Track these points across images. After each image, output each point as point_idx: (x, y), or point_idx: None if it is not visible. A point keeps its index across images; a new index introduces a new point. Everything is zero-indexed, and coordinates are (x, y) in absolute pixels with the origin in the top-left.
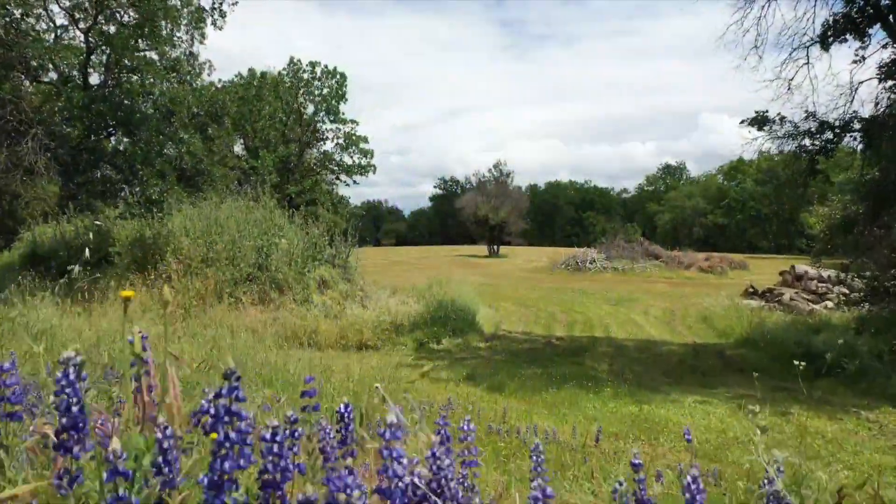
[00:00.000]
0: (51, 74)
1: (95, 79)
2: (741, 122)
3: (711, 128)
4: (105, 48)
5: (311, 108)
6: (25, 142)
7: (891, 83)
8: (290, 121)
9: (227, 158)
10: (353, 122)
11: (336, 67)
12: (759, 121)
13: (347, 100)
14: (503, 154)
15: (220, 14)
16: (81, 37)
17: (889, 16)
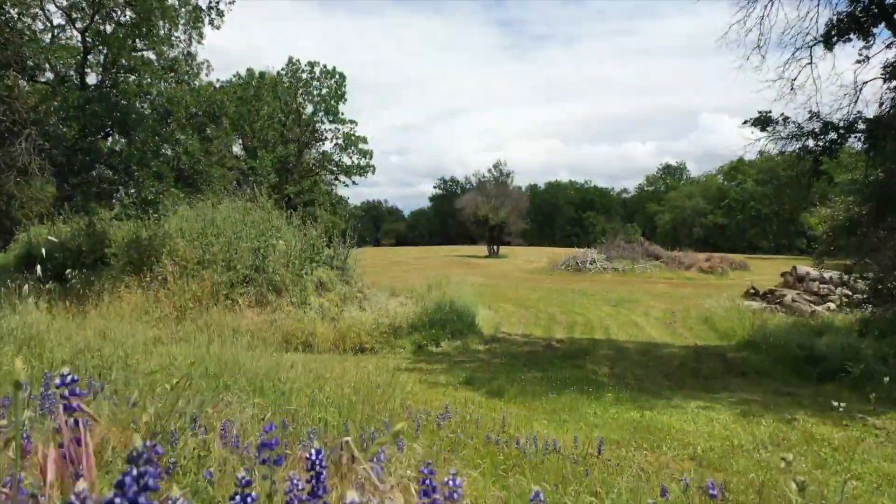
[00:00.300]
0: (48, 74)
1: (93, 79)
2: (744, 123)
3: (711, 128)
4: (102, 48)
5: (310, 109)
6: (19, 142)
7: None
8: (289, 121)
9: (226, 159)
10: (352, 123)
11: (335, 67)
12: (763, 121)
13: (346, 100)
14: (503, 154)
15: (218, 13)
16: (78, 36)
17: (894, 14)
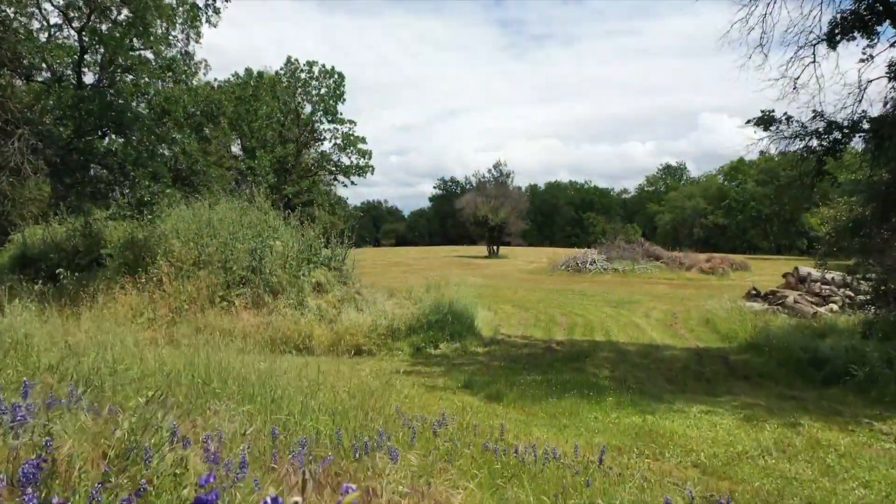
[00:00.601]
0: (45, 74)
1: (90, 78)
2: (747, 122)
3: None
4: (98, 47)
5: (309, 108)
6: (11, 142)
7: None
8: (288, 121)
9: (224, 159)
10: (351, 123)
11: (334, 67)
12: (766, 120)
13: (345, 100)
14: (502, 154)
15: (214, 10)
16: (75, 35)
17: None
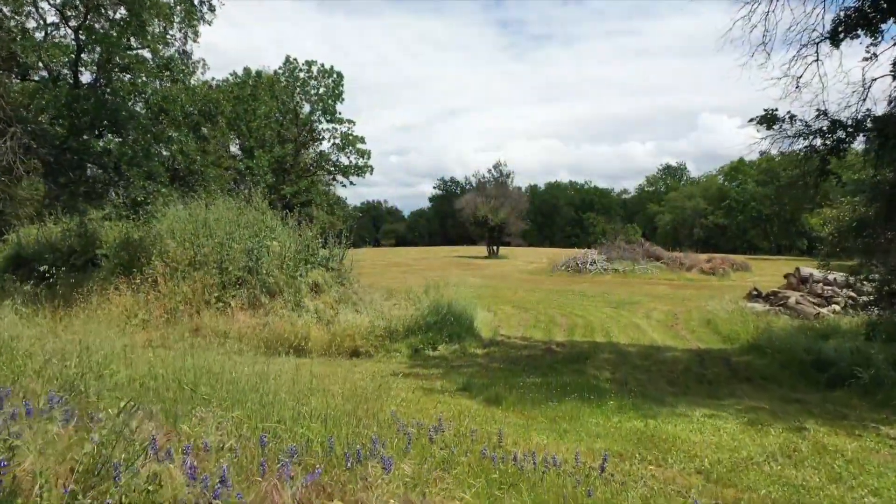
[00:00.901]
0: (42, 73)
1: (88, 77)
2: (749, 121)
3: (711, 128)
4: (95, 46)
5: (308, 108)
6: (3, 141)
7: None
8: (286, 120)
9: (223, 159)
10: (350, 122)
11: (332, 66)
12: (769, 119)
13: (344, 99)
14: (502, 154)
15: (210, 8)
16: (72, 35)
17: None
